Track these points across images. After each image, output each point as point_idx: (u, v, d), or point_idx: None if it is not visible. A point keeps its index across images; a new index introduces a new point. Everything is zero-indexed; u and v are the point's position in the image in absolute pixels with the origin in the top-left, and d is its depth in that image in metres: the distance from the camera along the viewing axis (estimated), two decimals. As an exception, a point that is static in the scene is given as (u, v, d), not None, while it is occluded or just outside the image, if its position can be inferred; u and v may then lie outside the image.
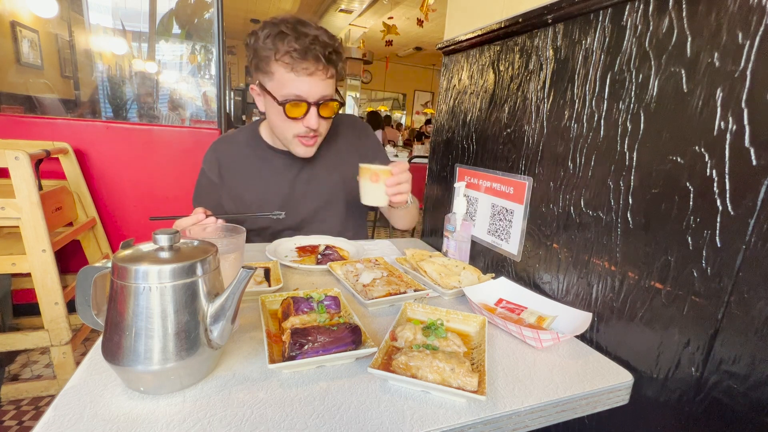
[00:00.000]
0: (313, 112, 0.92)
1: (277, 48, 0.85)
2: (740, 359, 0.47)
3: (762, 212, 0.44)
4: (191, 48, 2.16)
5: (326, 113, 0.95)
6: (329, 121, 1.01)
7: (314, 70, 0.87)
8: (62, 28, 2.10)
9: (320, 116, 0.94)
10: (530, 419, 0.49)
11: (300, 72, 0.87)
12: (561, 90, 0.72)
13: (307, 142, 0.98)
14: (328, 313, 0.61)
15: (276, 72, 0.88)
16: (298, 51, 0.85)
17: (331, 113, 0.97)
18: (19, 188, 1.26)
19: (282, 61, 0.86)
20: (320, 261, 0.91)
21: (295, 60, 0.85)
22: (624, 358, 0.61)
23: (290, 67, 0.86)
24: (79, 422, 0.41)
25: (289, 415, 0.44)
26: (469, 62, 0.99)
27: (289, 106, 0.90)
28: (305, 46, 0.85)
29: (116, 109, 2.05)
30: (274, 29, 0.86)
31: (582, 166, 0.68)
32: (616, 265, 0.62)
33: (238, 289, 0.47)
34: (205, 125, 2.14)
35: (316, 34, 0.87)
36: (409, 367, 0.50)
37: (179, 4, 2.10)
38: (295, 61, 0.85)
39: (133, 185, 1.91)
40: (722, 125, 0.48)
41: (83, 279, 0.46)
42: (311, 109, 0.92)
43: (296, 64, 0.86)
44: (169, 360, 0.43)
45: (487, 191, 0.93)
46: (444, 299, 0.78)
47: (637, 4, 0.58)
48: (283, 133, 0.98)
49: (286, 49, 0.85)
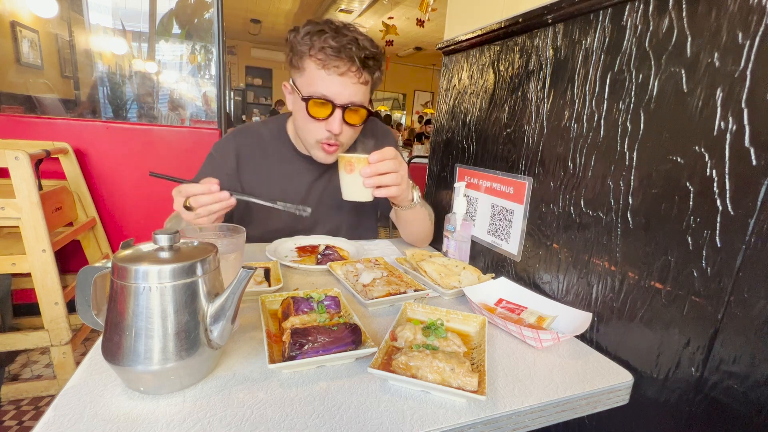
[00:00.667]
0: (338, 115, 0.86)
1: (313, 43, 0.82)
2: (740, 359, 0.47)
3: (762, 212, 0.44)
4: (191, 48, 2.16)
5: (352, 120, 0.89)
6: (354, 131, 0.94)
7: (346, 70, 0.83)
8: (62, 28, 2.10)
9: (345, 122, 0.88)
10: (530, 419, 0.49)
11: (331, 70, 0.82)
12: (561, 90, 0.72)
13: (328, 149, 0.93)
14: (328, 313, 0.61)
15: (307, 68, 0.85)
16: (332, 48, 0.81)
17: (358, 121, 0.90)
18: (19, 188, 1.26)
19: (315, 57, 0.83)
20: (320, 261, 0.91)
21: (328, 57, 0.81)
22: (624, 358, 0.61)
23: (322, 63, 0.82)
24: (79, 422, 0.41)
25: (289, 415, 0.44)
26: (469, 62, 0.99)
27: (312, 104, 0.85)
28: (341, 44, 0.81)
29: (116, 109, 2.05)
30: (316, 27, 0.83)
31: (582, 166, 0.68)
32: (616, 265, 0.62)
33: (238, 289, 0.47)
34: (205, 125, 2.14)
35: (357, 36, 0.84)
36: (409, 367, 0.50)
37: (179, 4, 2.10)
38: (328, 58, 0.81)
39: (133, 185, 1.91)
40: (722, 125, 0.48)
41: (83, 279, 0.46)
42: (336, 111, 0.86)
43: (329, 61, 0.82)
44: (169, 360, 0.43)
45: (487, 191, 0.93)
46: (444, 299, 0.78)
47: (637, 4, 0.58)
48: (305, 135, 0.93)
49: (321, 45, 0.81)
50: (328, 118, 0.86)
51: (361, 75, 0.85)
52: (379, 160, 0.79)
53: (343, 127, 0.89)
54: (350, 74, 0.84)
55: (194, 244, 0.50)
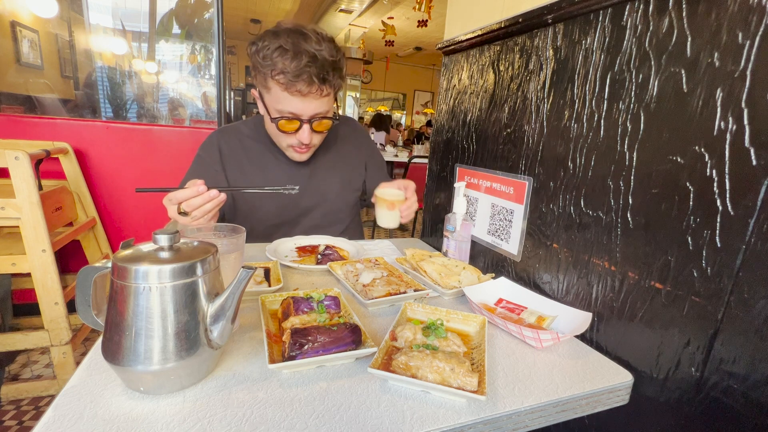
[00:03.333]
0: (306, 128, 0.93)
1: (274, 65, 0.85)
2: (740, 359, 0.47)
3: (762, 212, 0.44)
4: (191, 48, 2.16)
5: (320, 128, 0.96)
6: (323, 134, 1.02)
7: (307, 91, 0.87)
8: (62, 28, 2.10)
9: (313, 131, 0.95)
10: (530, 419, 0.49)
11: (293, 93, 0.87)
12: (561, 90, 0.72)
13: (300, 150, 1.00)
14: (328, 313, 0.61)
15: (272, 88, 0.89)
16: (291, 73, 0.84)
17: (325, 129, 0.99)
18: (19, 188, 1.26)
19: (276, 79, 0.86)
20: (320, 261, 0.91)
21: (289, 81, 0.85)
22: (624, 358, 0.61)
23: (284, 86, 0.87)
24: (79, 422, 0.41)
25: (289, 415, 0.44)
26: (469, 62, 0.99)
27: (283, 122, 0.92)
28: (299, 68, 0.84)
29: (116, 109, 2.05)
30: (275, 42, 0.86)
31: (582, 166, 0.68)
32: (616, 265, 0.62)
33: (238, 289, 0.47)
34: (205, 125, 2.13)
35: (316, 51, 0.86)
36: (409, 367, 0.50)
37: (179, 4, 2.10)
38: (289, 82, 0.85)
39: (133, 185, 1.90)
40: (722, 125, 0.48)
41: (83, 279, 0.46)
42: (304, 125, 0.93)
43: (290, 84, 0.86)
44: (169, 360, 0.43)
45: (487, 191, 0.93)
46: (444, 299, 0.78)
47: (637, 4, 0.58)
48: (278, 141, 1.01)
49: (280, 68, 0.85)
50: (297, 131, 0.94)
51: (322, 90, 0.90)
52: (411, 197, 0.97)
53: (311, 135, 0.96)
54: (312, 94, 0.89)
55: (194, 245, 0.50)
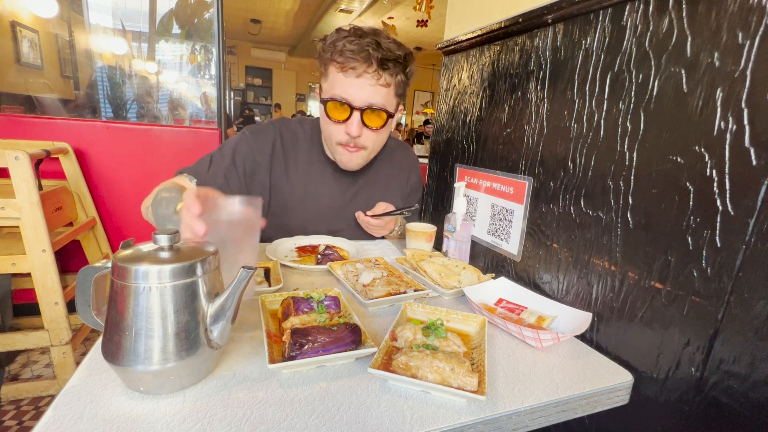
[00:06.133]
0: (356, 117, 0.86)
1: (335, 47, 0.82)
2: (740, 359, 0.47)
3: (762, 212, 0.44)
4: (191, 48, 2.16)
5: (372, 123, 0.88)
6: (378, 135, 0.94)
7: (362, 71, 0.82)
8: (62, 28, 2.10)
9: (364, 124, 0.87)
10: (530, 419, 0.49)
11: (348, 72, 0.83)
12: (561, 90, 0.72)
13: (350, 150, 0.93)
14: (328, 313, 0.61)
15: (330, 72, 0.85)
16: (350, 50, 0.81)
17: (379, 124, 0.90)
18: (19, 188, 1.26)
19: (335, 60, 0.83)
20: (320, 261, 0.91)
21: (347, 59, 0.81)
22: (624, 358, 0.61)
23: (341, 66, 0.83)
24: (79, 422, 0.41)
25: (289, 415, 0.44)
26: (469, 62, 0.99)
27: (331, 105, 0.85)
28: (360, 46, 0.81)
29: (116, 109, 2.05)
30: (342, 33, 0.84)
31: (582, 166, 0.68)
32: (616, 265, 0.62)
33: (238, 289, 0.47)
34: (204, 125, 2.14)
35: (380, 39, 0.82)
36: (409, 367, 0.50)
37: (179, 4, 2.10)
38: (346, 60, 0.82)
39: (133, 185, 1.91)
40: (722, 125, 0.48)
41: (83, 279, 0.46)
42: (354, 114, 0.86)
43: (347, 63, 0.82)
44: (169, 360, 0.43)
45: (487, 191, 0.93)
46: (444, 299, 0.78)
47: (637, 4, 0.58)
48: (327, 138, 0.94)
49: (340, 48, 0.82)
50: (347, 120, 0.87)
51: (380, 77, 0.84)
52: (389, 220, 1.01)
53: (362, 130, 0.88)
54: (367, 76, 0.83)
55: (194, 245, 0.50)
